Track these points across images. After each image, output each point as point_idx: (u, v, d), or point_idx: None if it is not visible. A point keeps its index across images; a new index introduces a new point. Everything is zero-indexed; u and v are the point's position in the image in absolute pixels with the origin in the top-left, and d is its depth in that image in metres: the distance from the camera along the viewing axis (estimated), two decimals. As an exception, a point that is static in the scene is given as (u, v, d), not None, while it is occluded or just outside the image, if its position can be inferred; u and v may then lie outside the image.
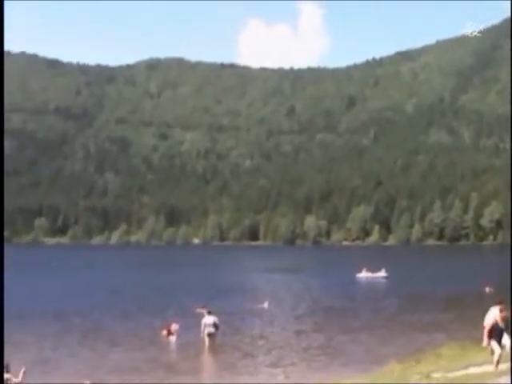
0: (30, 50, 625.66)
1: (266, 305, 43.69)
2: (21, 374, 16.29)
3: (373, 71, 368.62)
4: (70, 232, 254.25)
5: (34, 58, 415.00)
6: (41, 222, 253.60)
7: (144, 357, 26.42)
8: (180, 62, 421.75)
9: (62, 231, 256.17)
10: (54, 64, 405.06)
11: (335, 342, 29.52)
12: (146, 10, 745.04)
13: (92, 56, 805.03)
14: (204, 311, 30.15)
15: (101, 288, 60.08)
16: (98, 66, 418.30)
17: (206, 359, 27.21)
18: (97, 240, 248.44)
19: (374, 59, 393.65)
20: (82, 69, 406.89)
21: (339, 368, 23.43)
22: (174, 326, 30.77)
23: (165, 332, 30.64)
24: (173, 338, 30.17)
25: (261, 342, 29.92)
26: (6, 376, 15.79)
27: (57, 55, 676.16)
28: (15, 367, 16.59)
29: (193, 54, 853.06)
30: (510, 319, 18.39)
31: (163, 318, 35.46)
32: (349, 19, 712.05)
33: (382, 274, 70.37)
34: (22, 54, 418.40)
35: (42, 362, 24.76)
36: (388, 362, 22.72)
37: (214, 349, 27.93)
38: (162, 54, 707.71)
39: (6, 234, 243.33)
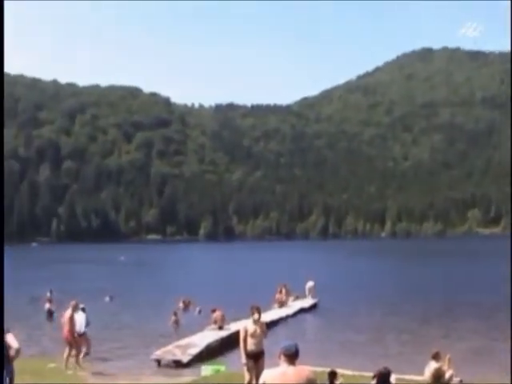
0: (452, 44, 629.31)
1: None
2: None
3: None
4: (503, 222, 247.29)
5: (456, 51, 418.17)
6: (474, 212, 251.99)
7: None
8: None
9: (495, 221, 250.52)
10: (476, 55, 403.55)
11: None
12: None
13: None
14: None
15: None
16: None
17: None
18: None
19: None
20: (504, 57, 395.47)
21: None
22: None
23: None
24: None
25: None
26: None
27: (480, 46, 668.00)
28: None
29: None
30: None
31: None
32: None
33: None
34: (445, 48, 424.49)
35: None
36: None
37: None
38: None
39: (439, 226, 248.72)
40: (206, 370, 19.43)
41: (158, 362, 21.34)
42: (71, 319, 19.52)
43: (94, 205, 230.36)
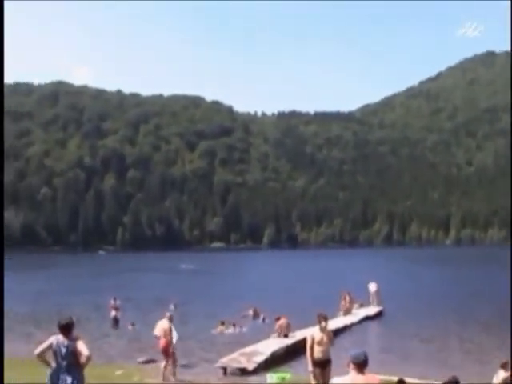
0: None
1: None
2: None
3: None
4: None
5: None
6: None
7: None
8: None
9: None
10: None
11: None
12: None
13: None
14: None
15: None
16: None
17: None
18: None
19: None
20: None
21: None
22: None
23: None
24: None
25: None
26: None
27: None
28: None
29: None
30: None
31: None
32: None
33: None
34: (507, 52, 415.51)
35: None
36: None
37: None
38: None
39: (504, 233, 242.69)
40: (272, 377, 19.47)
41: (224, 369, 21.46)
42: (170, 330, 19.77)
43: (158, 213, 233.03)
